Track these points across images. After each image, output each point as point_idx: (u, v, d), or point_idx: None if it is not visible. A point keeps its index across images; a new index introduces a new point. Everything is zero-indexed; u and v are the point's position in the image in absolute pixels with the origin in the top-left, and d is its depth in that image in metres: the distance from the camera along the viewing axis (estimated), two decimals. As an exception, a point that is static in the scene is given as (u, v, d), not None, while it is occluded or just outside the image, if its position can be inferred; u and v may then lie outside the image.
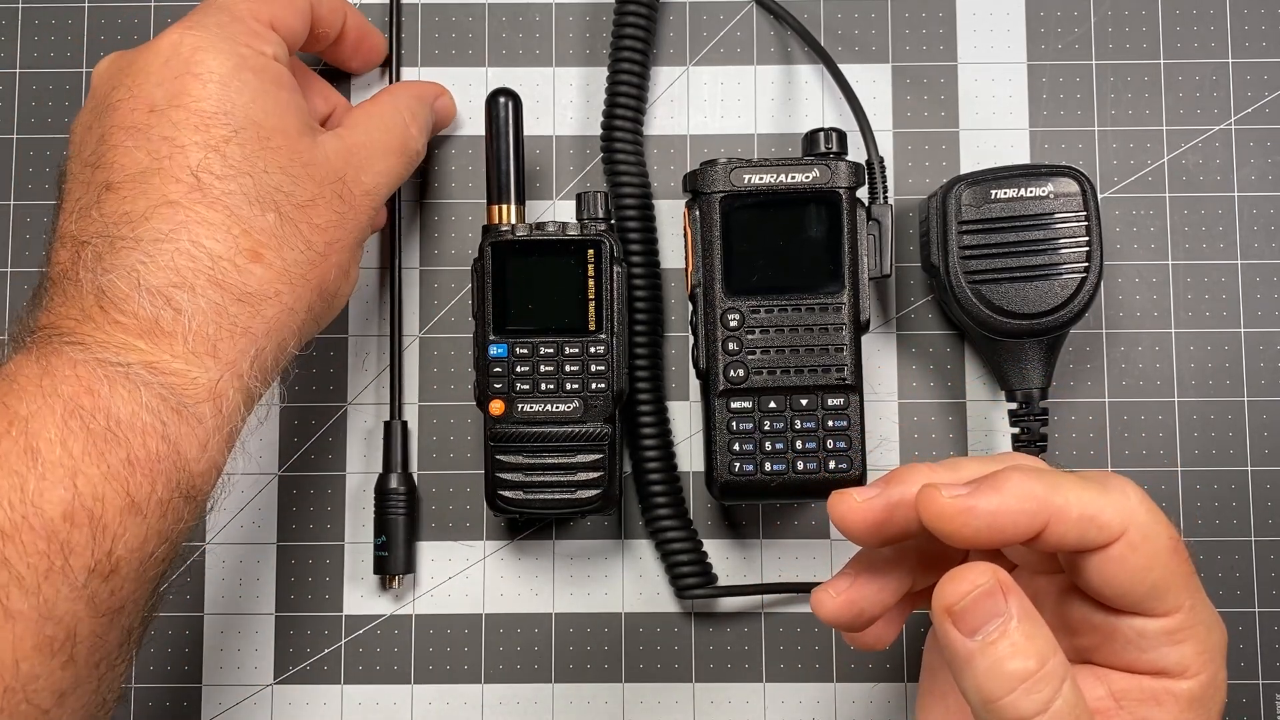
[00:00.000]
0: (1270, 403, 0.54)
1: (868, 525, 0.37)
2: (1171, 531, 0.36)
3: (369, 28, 0.53)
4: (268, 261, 0.41)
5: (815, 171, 0.49)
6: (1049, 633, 0.34)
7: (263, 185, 0.41)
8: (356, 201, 0.45)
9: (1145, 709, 0.37)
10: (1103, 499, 0.35)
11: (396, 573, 0.52)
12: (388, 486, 0.53)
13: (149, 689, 0.53)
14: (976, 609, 0.33)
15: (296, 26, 0.47)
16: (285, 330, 0.43)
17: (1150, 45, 0.56)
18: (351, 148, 0.45)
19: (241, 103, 0.42)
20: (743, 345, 0.49)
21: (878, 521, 0.37)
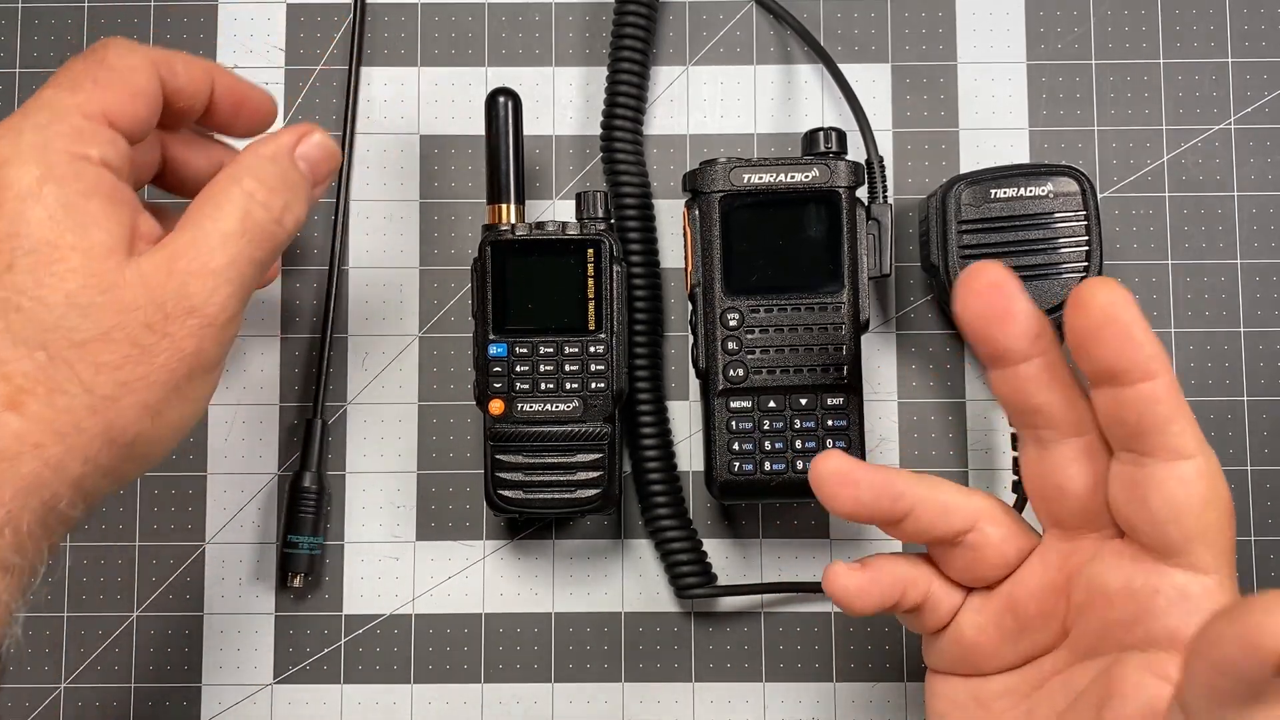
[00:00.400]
0: (1270, 402, 0.54)
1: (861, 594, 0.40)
2: (1229, 496, 0.36)
3: (247, 89, 0.45)
4: (29, 410, 0.35)
5: (815, 171, 0.50)
6: None
7: (35, 319, 0.36)
8: (176, 328, 0.37)
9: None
10: (1181, 408, 0.36)
11: (300, 571, 0.52)
12: (300, 485, 0.53)
13: (149, 689, 0.53)
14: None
15: (141, 113, 0.40)
16: (51, 488, 0.36)
17: (1150, 45, 0.56)
18: (175, 255, 0.38)
19: (37, 221, 0.36)
20: (742, 345, 0.49)
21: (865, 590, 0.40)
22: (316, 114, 0.56)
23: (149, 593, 0.54)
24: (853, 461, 0.39)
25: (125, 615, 0.54)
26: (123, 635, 0.54)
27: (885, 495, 0.38)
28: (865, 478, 0.38)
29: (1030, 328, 0.37)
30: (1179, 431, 0.35)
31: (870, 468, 0.39)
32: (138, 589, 0.54)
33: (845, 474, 0.38)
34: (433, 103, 0.56)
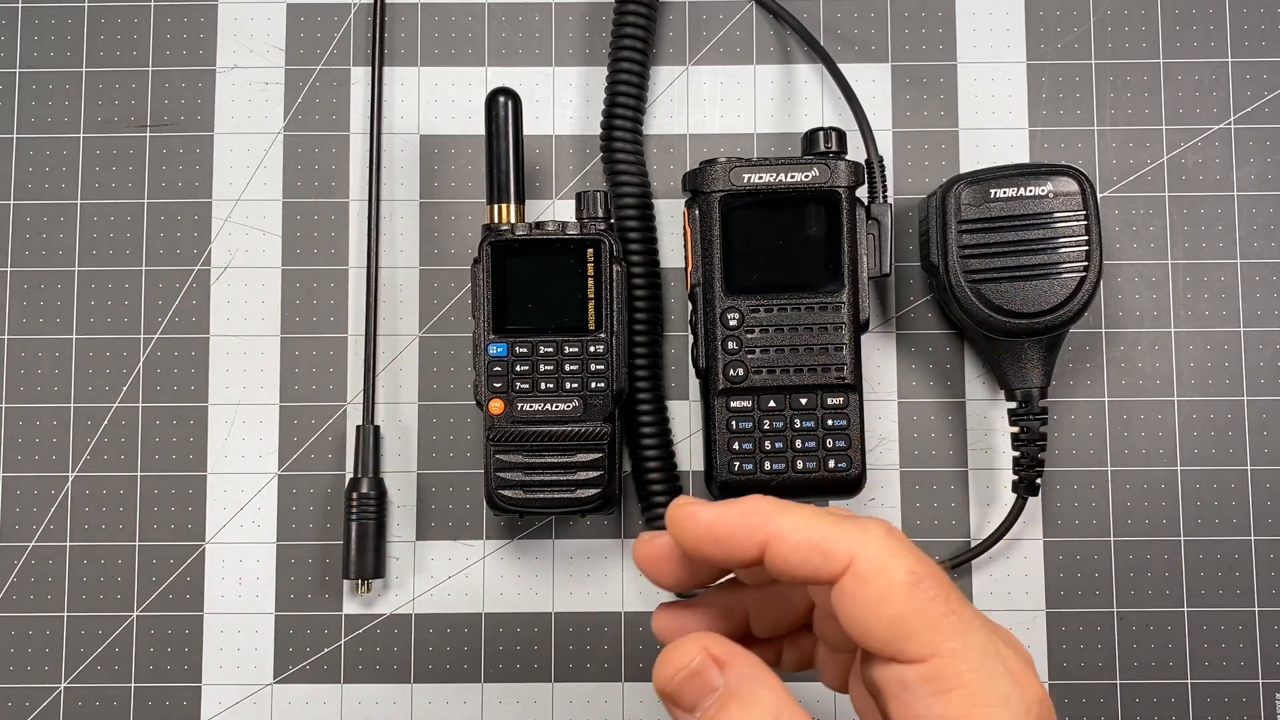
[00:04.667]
0: (1270, 402, 0.54)
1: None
2: (914, 567, 0.32)
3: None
4: None
5: (815, 171, 0.50)
6: (774, 699, 0.33)
7: None
8: None
9: None
10: (832, 529, 0.33)
11: (366, 576, 0.52)
12: (359, 490, 0.53)
13: (149, 689, 0.53)
14: (687, 687, 0.33)
15: None
16: None
17: (1150, 45, 0.56)
18: None
19: None
20: (742, 344, 0.49)
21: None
22: (316, 114, 0.56)
23: (149, 593, 0.54)
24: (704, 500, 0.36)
25: (125, 615, 0.54)
26: (123, 635, 0.54)
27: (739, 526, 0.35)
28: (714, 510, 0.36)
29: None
30: (824, 555, 0.33)
31: (728, 503, 0.35)
32: (138, 589, 0.54)
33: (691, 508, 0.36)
34: (433, 103, 0.56)
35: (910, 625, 0.32)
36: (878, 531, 0.33)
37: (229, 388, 0.55)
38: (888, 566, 0.32)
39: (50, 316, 0.55)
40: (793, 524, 0.33)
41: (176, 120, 0.56)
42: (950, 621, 0.32)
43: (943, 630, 0.32)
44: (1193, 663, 0.53)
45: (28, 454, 0.54)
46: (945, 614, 0.32)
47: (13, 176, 0.56)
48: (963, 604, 0.33)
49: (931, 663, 0.32)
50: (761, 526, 0.34)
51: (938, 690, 0.32)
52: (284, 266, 0.55)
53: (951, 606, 0.32)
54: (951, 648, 0.32)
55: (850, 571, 0.33)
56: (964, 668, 0.32)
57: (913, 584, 0.32)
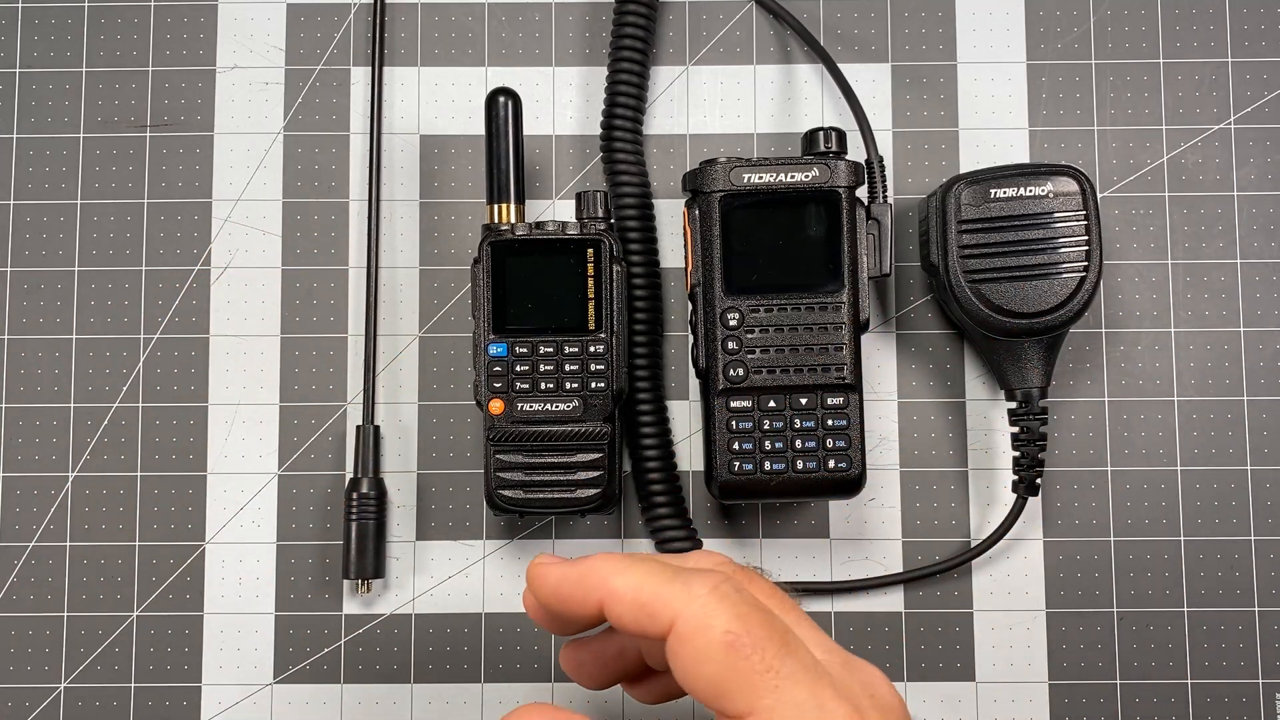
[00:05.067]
0: (1270, 402, 0.54)
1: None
2: (731, 625, 0.34)
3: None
4: None
5: (815, 171, 0.50)
6: None
7: None
8: None
9: None
10: (660, 589, 0.35)
11: (366, 576, 0.52)
12: (359, 490, 0.53)
13: (149, 689, 0.53)
14: None
15: None
16: None
17: (1150, 45, 0.56)
18: None
19: None
20: (742, 344, 0.49)
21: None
22: (316, 114, 0.56)
23: (149, 593, 0.54)
24: (556, 558, 0.39)
25: (125, 615, 0.54)
26: (123, 635, 0.54)
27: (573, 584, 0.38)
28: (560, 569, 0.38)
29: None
30: (650, 616, 0.35)
31: (570, 563, 0.38)
32: (138, 589, 0.54)
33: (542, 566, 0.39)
34: (433, 103, 0.56)
35: (726, 684, 0.34)
36: (701, 590, 0.35)
37: (229, 388, 0.55)
38: (705, 627, 0.34)
39: (50, 316, 0.55)
40: (625, 583, 0.36)
41: (176, 120, 0.56)
42: (765, 680, 0.34)
43: (756, 689, 0.34)
44: (1193, 663, 0.53)
45: (28, 454, 0.54)
46: (760, 673, 0.34)
47: (13, 176, 0.56)
48: (784, 658, 0.34)
49: (748, 719, 0.34)
50: (598, 587, 0.36)
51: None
52: (284, 266, 0.55)
53: (768, 664, 0.34)
54: (765, 704, 0.34)
55: (673, 631, 0.35)
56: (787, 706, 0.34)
57: (728, 645, 0.34)
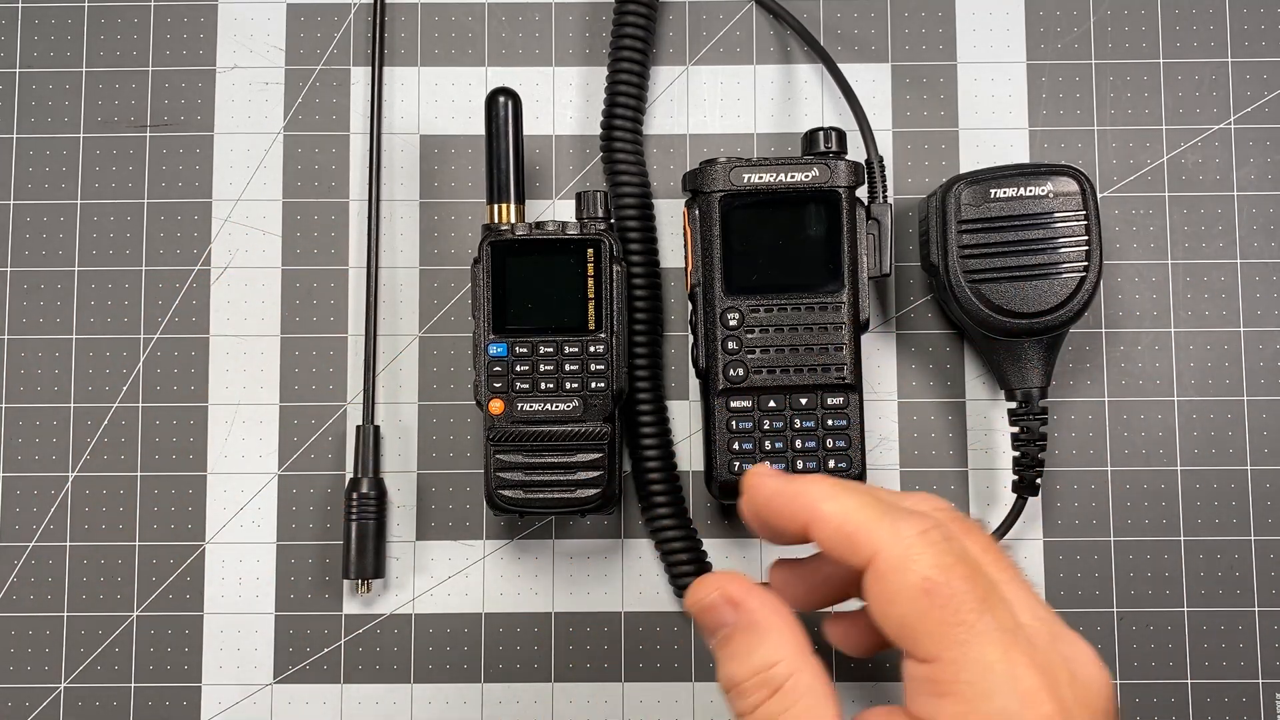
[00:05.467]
0: (1270, 402, 0.54)
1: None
2: (931, 573, 0.34)
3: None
4: None
5: (815, 171, 0.50)
6: (777, 643, 0.37)
7: None
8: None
9: None
10: (866, 523, 0.35)
11: (366, 576, 0.52)
12: (359, 490, 0.53)
13: (149, 689, 0.53)
14: (705, 617, 0.38)
15: None
16: None
17: (1150, 45, 0.56)
18: None
19: None
20: (742, 344, 0.49)
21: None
22: (316, 114, 0.56)
23: (149, 593, 0.54)
24: (776, 471, 0.39)
25: (125, 615, 0.54)
26: (123, 635, 0.54)
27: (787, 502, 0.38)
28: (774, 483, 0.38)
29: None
30: (852, 547, 0.36)
31: (788, 479, 0.38)
32: (138, 589, 0.54)
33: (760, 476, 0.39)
34: (433, 103, 0.56)
35: (916, 628, 0.34)
36: (909, 531, 0.35)
37: (229, 388, 0.55)
38: (903, 568, 0.34)
39: (50, 316, 0.55)
40: (832, 509, 0.36)
41: (176, 120, 0.56)
42: (955, 632, 0.33)
43: (946, 639, 0.34)
44: (1193, 663, 0.53)
45: (28, 454, 0.54)
46: (953, 624, 0.34)
47: (13, 176, 0.56)
48: (982, 614, 0.34)
49: (933, 665, 0.34)
50: (807, 508, 0.36)
51: (935, 692, 0.34)
52: (284, 266, 0.55)
53: (961, 617, 0.34)
54: (951, 656, 0.34)
55: (871, 566, 0.35)
56: (962, 678, 0.33)
57: (924, 590, 0.34)
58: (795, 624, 0.38)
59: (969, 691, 0.33)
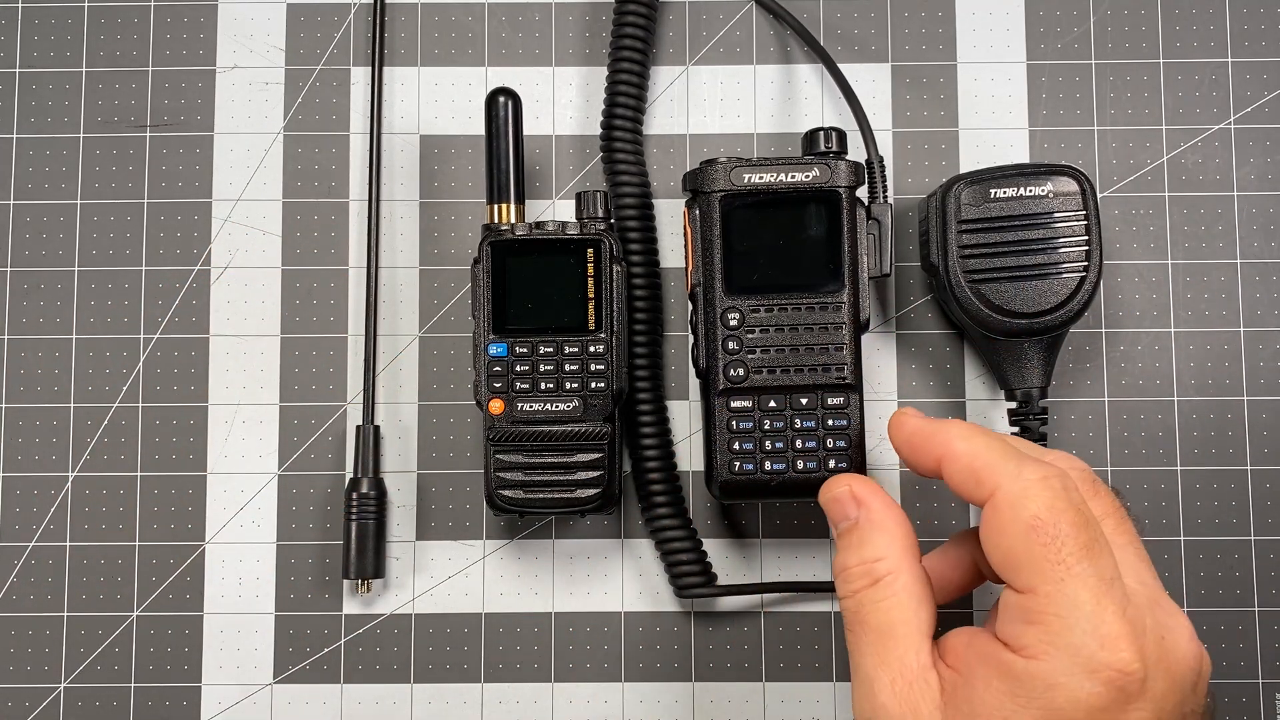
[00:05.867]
0: (1270, 402, 0.54)
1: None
2: (1042, 514, 0.37)
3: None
4: None
5: (815, 171, 0.49)
6: (887, 541, 0.42)
7: None
8: None
9: (978, 664, 0.38)
10: (993, 462, 0.39)
11: (366, 576, 0.52)
12: (359, 490, 0.53)
13: (149, 689, 0.53)
14: (832, 508, 0.44)
15: None
16: None
17: (1150, 45, 0.56)
18: None
19: None
20: (743, 344, 0.49)
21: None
22: (316, 114, 0.56)
23: (149, 593, 0.54)
24: (921, 415, 0.43)
25: (125, 615, 0.54)
26: (123, 635, 0.54)
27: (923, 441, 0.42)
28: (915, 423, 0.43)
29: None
30: (976, 482, 0.40)
31: (928, 420, 0.43)
32: (138, 589, 0.54)
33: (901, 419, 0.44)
34: (433, 103, 0.56)
35: (1017, 560, 0.38)
36: (1031, 475, 0.38)
37: (229, 388, 0.55)
38: (1017, 505, 0.38)
39: (50, 316, 0.55)
40: (964, 448, 0.40)
41: (176, 120, 0.56)
42: (1055, 569, 0.37)
43: (1044, 574, 0.37)
44: (1193, 663, 0.53)
45: (28, 454, 0.54)
46: (1053, 562, 0.37)
47: (13, 176, 0.56)
48: (1081, 560, 0.37)
49: (1027, 596, 0.37)
50: (943, 445, 0.41)
51: (1024, 619, 0.37)
52: (284, 266, 0.55)
53: (1061, 558, 0.37)
54: (1046, 590, 0.37)
55: (990, 501, 0.39)
56: (1051, 610, 0.37)
57: (1031, 527, 0.37)
58: (908, 531, 0.42)
59: (1056, 624, 0.37)
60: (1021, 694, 0.37)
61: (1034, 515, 0.37)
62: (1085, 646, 0.36)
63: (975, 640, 0.40)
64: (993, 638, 0.39)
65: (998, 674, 0.38)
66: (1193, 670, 0.38)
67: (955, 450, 0.40)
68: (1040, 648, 0.37)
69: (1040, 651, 0.37)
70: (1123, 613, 0.37)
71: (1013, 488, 0.38)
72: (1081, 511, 0.38)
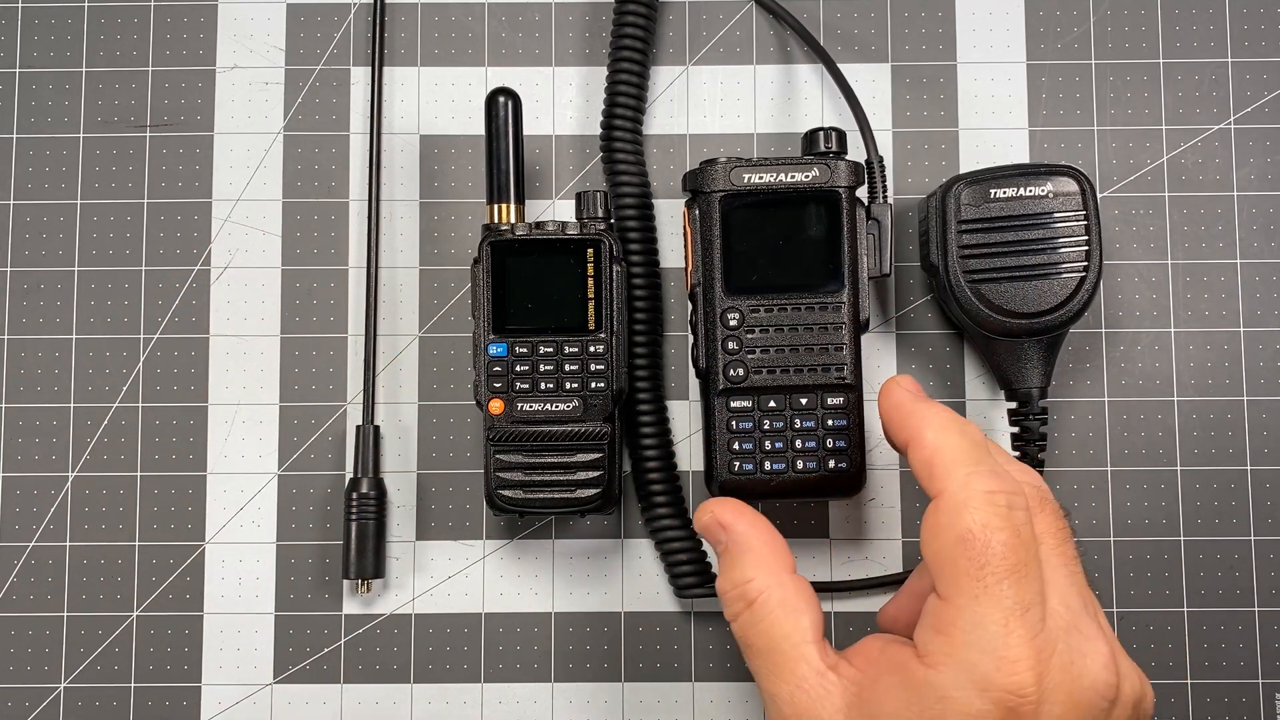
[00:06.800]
0: (1270, 402, 0.54)
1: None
2: (973, 528, 0.37)
3: None
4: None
5: (815, 171, 0.49)
6: (753, 563, 0.43)
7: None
8: None
9: (885, 670, 0.39)
10: (953, 463, 0.39)
11: (366, 576, 0.52)
12: (359, 490, 0.53)
13: (149, 689, 0.53)
14: (706, 536, 0.45)
15: None
16: None
17: (1150, 45, 0.56)
18: None
19: None
20: (743, 344, 0.49)
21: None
22: (316, 114, 0.56)
23: (149, 593, 0.54)
24: (913, 391, 0.43)
25: (125, 615, 0.54)
26: (123, 635, 0.54)
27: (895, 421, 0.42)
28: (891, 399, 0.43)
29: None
30: (930, 477, 0.40)
31: (914, 399, 0.42)
32: (138, 589, 0.54)
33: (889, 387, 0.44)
34: (433, 103, 0.56)
35: (942, 565, 0.38)
36: (979, 485, 0.38)
37: (229, 388, 0.55)
38: (956, 513, 0.38)
39: (50, 316, 0.55)
40: (932, 438, 0.40)
41: (176, 120, 0.56)
42: (972, 584, 0.37)
43: (960, 586, 0.37)
44: (1193, 663, 0.53)
45: (28, 454, 0.54)
46: (973, 577, 0.37)
47: (13, 176, 0.56)
48: (1003, 581, 0.37)
49: (944, 603, 0.38)
50: (915, 429, 0.41)
51: (935, 626, 0.38)
52: (284, 266, 0.55)
53: (983, 574, 0.37)
54: (959, 603, 0.37)
55: (934, 500, 0.39)
56: (959, 623, 0.37)
57: (962, 538, 0.37)
58: (776, 548, 0.43)
59: (959, 637, 0.37)
60: (916, 702, 0.37)
61: (967, 528, 0.37)
62: (981, 664, 0.37)
63: (889, 647, 0.40)
64: (906, 644, 0.39)
65: (899, 680, 0.38)
66: (1102, 697, 0.38)
67: (923, 438, 0.40)
68: (940, 658, 0.37)
69: (939, 661, 0.37)
70: (1031, 637, 0.37)
71: (957, 494, 0.38)
72: (1019, 534, 0.38)
